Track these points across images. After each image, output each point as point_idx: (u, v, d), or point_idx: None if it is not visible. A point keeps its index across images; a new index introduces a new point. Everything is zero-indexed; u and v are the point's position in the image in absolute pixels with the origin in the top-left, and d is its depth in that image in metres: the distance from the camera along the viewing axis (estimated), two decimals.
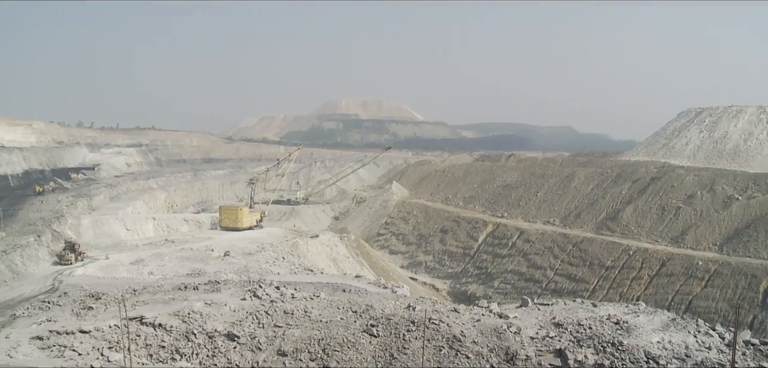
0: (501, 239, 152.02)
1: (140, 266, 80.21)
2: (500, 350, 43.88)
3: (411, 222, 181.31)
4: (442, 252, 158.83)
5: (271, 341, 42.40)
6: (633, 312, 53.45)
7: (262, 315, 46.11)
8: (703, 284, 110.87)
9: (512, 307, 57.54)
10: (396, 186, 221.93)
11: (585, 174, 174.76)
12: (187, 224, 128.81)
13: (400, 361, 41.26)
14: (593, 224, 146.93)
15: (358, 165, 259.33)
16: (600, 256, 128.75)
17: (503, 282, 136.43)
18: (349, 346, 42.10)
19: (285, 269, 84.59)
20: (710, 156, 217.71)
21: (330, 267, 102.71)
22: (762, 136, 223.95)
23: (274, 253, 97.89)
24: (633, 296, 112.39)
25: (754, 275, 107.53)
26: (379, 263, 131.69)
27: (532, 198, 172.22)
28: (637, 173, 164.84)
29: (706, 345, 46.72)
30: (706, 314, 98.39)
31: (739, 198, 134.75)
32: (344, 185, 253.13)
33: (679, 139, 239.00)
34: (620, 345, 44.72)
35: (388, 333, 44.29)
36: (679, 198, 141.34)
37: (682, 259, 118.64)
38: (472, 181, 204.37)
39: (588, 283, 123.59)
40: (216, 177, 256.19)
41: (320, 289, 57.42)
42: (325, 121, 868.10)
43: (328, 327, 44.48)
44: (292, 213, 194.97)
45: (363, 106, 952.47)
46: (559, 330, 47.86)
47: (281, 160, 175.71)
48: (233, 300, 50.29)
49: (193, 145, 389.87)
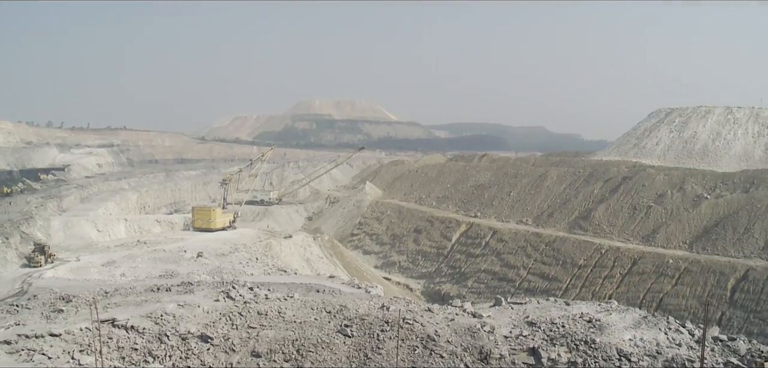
0: (474, 239, 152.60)
1: (112, 268, 79.26)
2: (474, 349, 44.04)
3: (384, 223, 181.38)
4: (415, 252, 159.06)
5: (244, 342, 42.15)
6: (605, 310, 53.96)
7: (235, 317, 45.81)
8: (674, 282, 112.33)
9: (486, 306, 57.80)
10: (369, 186, 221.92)
11: (557, 174, 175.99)
12: (159, 225, 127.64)
13: (375, 361, 41.22)
14: (566, 223, 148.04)
15: (331, 165, 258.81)
16: (572, 255, 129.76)
17: (477, 281, 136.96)
18: (323, 347, 41.98)
19: (258, 270, 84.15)
20: (680, 155, 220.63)
21: (303, 268, 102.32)
22: (730, 136, 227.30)
23: (248, 254, 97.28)
24: (605, 294, 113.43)
25: (722, 273, 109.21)
26: (353, 263, 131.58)
27: (505, 198, 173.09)
28: (609, 173, 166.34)
29: (677, 342, 47.39)
30: (677, 311, 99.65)
31: (708, 197, 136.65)
32: (318, 185, 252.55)
33: (649, 138, 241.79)
34: (593, 343, 45.14)
35: (362, 333, 44.23)
36: (649, 198, 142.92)
37: (653, 258, 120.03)
38: (445, 181, 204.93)
39: (561, 282, 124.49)
40: (189, 177, 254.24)
41: (294, 290, 57.22)
42: (298, 121, 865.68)
43: (302, 328, 44.33)
44: (266, 213, 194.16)
45: (336, 106, 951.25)
46: (532, 329, 48.18)
47: (254, 161, 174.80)
48: (206, 301, 49.92)
49: (166, 146, 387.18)
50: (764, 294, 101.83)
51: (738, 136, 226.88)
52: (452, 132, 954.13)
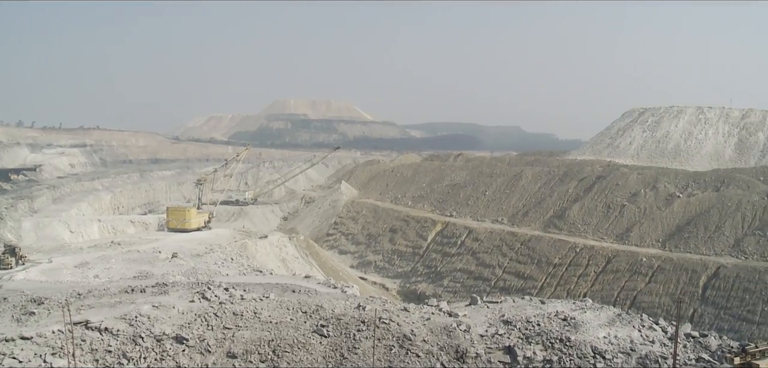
0: (450, 238, 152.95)
1: (85, 269, 78.35)
2: (450, 348, 44.14)
3: (360, 222, 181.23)
4: (391, 252, 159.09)
5: (220, 343, 41.90)
6: (580, 308, 54.32)
7: (211, 317, 45.49)
8: (647, 280, 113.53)
9: (462, 305, 57.92)
10: (345, 186, 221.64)
11: (532, 173, 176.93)
12: (133, 226, 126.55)
13: (351, 361, 41.18)
14: (541, 222, 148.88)
15: (306, 165, 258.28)
16: (548, 254, 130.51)
17: (452, 280, 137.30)
18: (299, 347, 41.86)
19: (234, 270, 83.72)
20: (653, 155, 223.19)
21: (279, 268, 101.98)
22: (701, 135, 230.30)
23: (223, 254, 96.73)
24: (580, 292, 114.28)
25: (694, 270, 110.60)
26: (329, 263, 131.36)
27: (481, 198, 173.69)
28: (583, 172, 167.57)
29: (650, 339, 47.89)
30: (650, 309, 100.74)
31: (680, 195, 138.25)
32: (293, 185, 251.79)
33: (623, 138, 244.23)
34: (568, 340, 45.43)
35: (339, 333, 44.16)
36: (623, 197, 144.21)
37: (626, 256, 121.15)
38: (420, 181, 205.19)
39: (536, 281, 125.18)
40: (163, 178, 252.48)
41: (270, 290, 56.96)
42: (273, 121, 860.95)
43: (278, 328, 44.15)
44: (241, 213, 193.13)
45: (312, 106, 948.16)
46: (508, 328, 48.33)
47: (229, 161, 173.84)
48: (181, 302, 49.51)
49: (140, 145, 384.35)
50: (734, 291, 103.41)
51: (709, 135, 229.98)
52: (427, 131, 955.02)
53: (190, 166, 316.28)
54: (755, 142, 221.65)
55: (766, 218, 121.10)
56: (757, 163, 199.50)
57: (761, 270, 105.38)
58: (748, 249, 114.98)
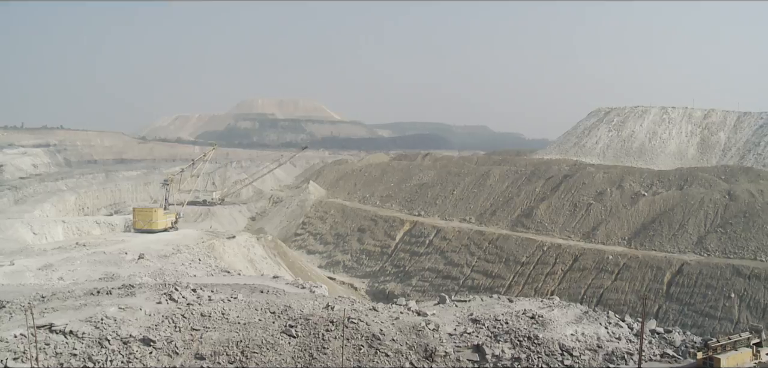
0: (418, 237, 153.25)
1: (49, 271, 77.14)
2: (419, 347, 44.24)
3: (328, 222, 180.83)
4: (359, 251, 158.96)
5: (188, 345, 41.54)
6: (548, 306, 54.80)
7: (178, 319, 45.06)
8: (613, 277, 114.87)
9: (430, 304, 58.03)
10: (313, 185, 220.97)
11: (500, 172, 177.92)
12: (99, 227, 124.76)
13: (320, 361, 41.09)
14: (508, 221, 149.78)
15: (274, 165, 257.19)
16: (515, 253, 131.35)
17: (421, 279, 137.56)
18: (268, 348, 41.67)
19: (201, 271, 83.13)
20: (618, 154, 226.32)
21: (247, 269, 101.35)
22: (665, 135, 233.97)
23: (190, 255, 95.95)
24: (547, 290, 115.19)
25: (659, 267, 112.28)
26: (297, 263, 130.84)
27: (449, 197, 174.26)
28: (550, 171, 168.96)
29: (616, 335, 48.55)
30: (616, 306, 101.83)
31: (645, 194, 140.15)
32: (261, 185, 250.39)
33: (589, 137, 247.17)
34: (536, 338, 45.79)
35: (307, 333, 44.03)
36: (590, 195, 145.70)
37: (593, 254, 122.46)
38: (389, 180, 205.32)
39: (504, 279, 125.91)
40: (129, 178, 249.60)
41: (238, 291, 56.64)
42: (240, 121, 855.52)
43: (246, 329, 43.89)
44: (208, 214, 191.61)
45: (279, 105, 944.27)
46: (476, 326, 48.57)
47: (196, 161, 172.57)
48: (148, 304, 48.97)
49: (105, 145, 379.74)
50: (697, 288, 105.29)
51: (672, 135, 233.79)
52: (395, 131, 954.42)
53: (157, 166, 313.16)
54: (717, 142, 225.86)
55: (728, 216, 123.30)
56: (718, 161, 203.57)
57: (723, 267, 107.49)
58: (711, 247, 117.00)
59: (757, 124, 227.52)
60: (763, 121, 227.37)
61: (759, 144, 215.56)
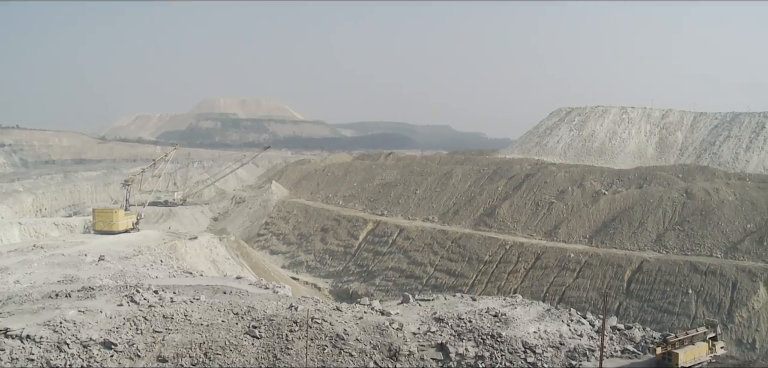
0: (381, 237, 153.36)
1: (5, 274, 75.41)
2: (383, 346, 44.35)
3: (291, 222, 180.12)
4: (323, 251, 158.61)
5: (150, 347, 41.11)
6: (510, 304, 55.29)
7: (140, 321, 44.55)
8: (575, 275, 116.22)
9: (394, 304, 58.18)
10: (276, 185, 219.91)
11: (462, 171, 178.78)
12: (57, 228, 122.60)
13: (284, 362, 40.99)
14: (471, 220, 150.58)
15: (236, 165, 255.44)
16: (478, 251, 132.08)
17: (384, 279, 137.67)
18: (231, 349, 41.43)
19: (163, 272, 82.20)
20: (579, 153, 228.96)
21: (210, 269, 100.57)
22: (625, 134, 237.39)
23: (152, 256, 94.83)
24: (510, 289, 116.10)
25: (620, 265, 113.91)
26: (260, 264, 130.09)
27: (412, 196, 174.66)
28: (513, 170, 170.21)
29: (578, 332, 49.22)
30: (578, 303, 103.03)
31: (606, 193, 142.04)
32: (223, 185, 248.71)
33: (551, 137, 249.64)
34: (499, 336, 46.18)
35: (271, 334, 43.89)
36: (551, 194, 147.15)
37: (555, 252, 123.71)
38: (351, 180, 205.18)
39: (467, 278, 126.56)
40: (88, 178, 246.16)
41: (200, 292, 56.16)
42: (202, 121, 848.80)
43: (209, 331, 43.59)
44: (170, 214, 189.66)
45: (241, 105, 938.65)
46: (440, 325, 48.82)
47: (157, 161, 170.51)
48: (109, 306, 48.34)
49: (63, 145, 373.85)
50: (657, 285, 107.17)
51: (632, 134, 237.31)
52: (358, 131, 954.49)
53: (117, 166, 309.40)
54: (674, 141, 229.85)
55: (685, 214, 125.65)
56: (676, 160, 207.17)
57: (680, 264, 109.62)
58: (669, 244, 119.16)
59: (712, 124, 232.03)
60: (718, 121, 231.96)
61: (714, 143, 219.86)
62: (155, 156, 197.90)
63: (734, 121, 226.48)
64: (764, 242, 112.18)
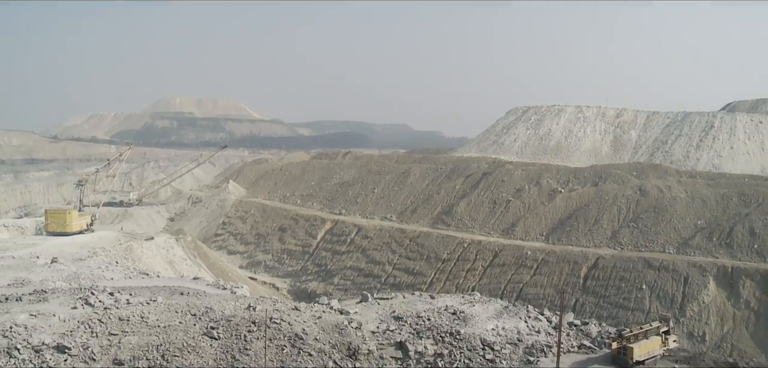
0: (339, 236, 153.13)
1: None
2: (342, 346, 44.29)
3: (249, 222, 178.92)
4: (281, 251, 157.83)
5: (105, 350, 40.42)
6: (469, 302, 55.64)
7: (95, 324, 43.74)
8: (532, 272, 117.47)
9: (352, 303, 58.14)
10: (233, 185, 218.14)
11: (420, 170, 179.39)
12: (7, 230, 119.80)
13: (242, 362, 40.68)
14: (429, 219, 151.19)
15: (193, 164, 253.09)
16: (436, 250, 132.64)
17: (343, 278, 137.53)
18: (189, 350, 40.97)
19: (119, 274, 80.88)
20: (536, 152, 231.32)
21: (166, 270, 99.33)
22: (580, 133, 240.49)
23: (107, 258, 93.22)
24: (468, 286, 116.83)
25: (576, 262, 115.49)
26: (218, 264, 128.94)
27: (370, 195, 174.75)
28: (470, 169, 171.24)
29: (536, 329, 49.77)
30: (535, 300, 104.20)
31: (562, 191, 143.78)
32: (179, 185, 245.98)
33: (507, 135, 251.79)
34: (458, 334, 46.43)
35: (229, 334, 43.52)
36: (508, 192, 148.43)
37: (512, 250, 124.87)
38: (309, 179, 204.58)
39: (425, 276, 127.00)
40: (40, 179, 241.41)
41: (157, 293, 55.40)
42: (158, 120, 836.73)
43: (166, 332, 43.02)
44: (125, 215, 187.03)
45: (198, 103, 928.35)
46: (399, 324, 48.94)
47: (112, 161, 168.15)
48: (62, 309, 47.36)
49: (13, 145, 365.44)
50: (612, 280, 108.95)
51: (587, 133, 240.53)
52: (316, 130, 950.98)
53: (70, 166, 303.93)
54: (628, 140, 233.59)
55: (639, 211, 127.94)
56: (630, 159, 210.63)
57: (635, 260, 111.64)
58: (624, 240, 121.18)
59: (664, 123, 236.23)
60: (670, 121, 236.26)
61: (666, 142, 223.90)
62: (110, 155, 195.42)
63: (685, 120, 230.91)
64: (714, 238, 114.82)
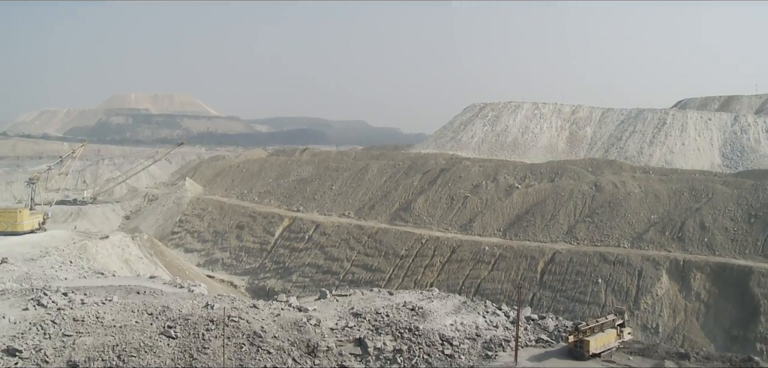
0: (297, 233, 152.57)
1: None
2: (301, 343, 44.18)
3: (206, 219, 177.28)
4: (238, 249, 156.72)
5: (59, 352, 39.65)
6: (427, 297, 55.91)
7: (48, 325, 42.87)
8: (490, 268, 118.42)
9: (311, 300, 58.06)
10: (189, 182, 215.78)
11: (378, 167, 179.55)
12: None
13: (201, 361, 40.32)
14: (387, 215, 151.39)
15: (149, 162, 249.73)
16: (394, 246, 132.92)
17: (301, 275, 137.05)
18: (146, 350, 40.44)
19: (73, 274, 79.46)
20: (493, 148, 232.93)
21: (122, 269, 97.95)
22: (536, 129, 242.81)
23: (60, 257, 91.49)
24: (427, 282, 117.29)
25: (533, 257, 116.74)
26: (175, 262, 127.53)
27: (328, 192, 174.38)
28: (428, 165, 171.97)
29: (494, 324, 50.25)
30: (493, 295, 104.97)
31: (519, 187, 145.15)
32: (135, 183, 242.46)
33: (465, 132, 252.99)
34: (417, 329, 46.66)
35: (187, 333, 43.09)
36: (466, 188, 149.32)
37: (470, 245, 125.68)
38: (267, 176, 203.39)
39: (384, 272, 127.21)
40: None
41: (113, 293, 54.54)
42: (112, 116, 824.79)
43: (122, 332, 42.39)
44: (79, 213, 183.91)
45: (153, 100, 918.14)
46: (357, 320, 48.99)
47: (65, 158, 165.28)
48: (13, 311, 46.35)
49: None
50: (568, 275, 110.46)
51: (544, 129, 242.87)
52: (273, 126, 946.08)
53: (21, 163, 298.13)
54: (584, 136, 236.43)
55: (595, 206, 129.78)
56: (586, 155, 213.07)
57: (591, 254, 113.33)
58: (580, 235, 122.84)
59: (619, 120, 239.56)
60: (624, 117, 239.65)
61: (621, 138, 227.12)
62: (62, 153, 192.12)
63: (639, 117, 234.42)
64: (666, 232, 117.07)
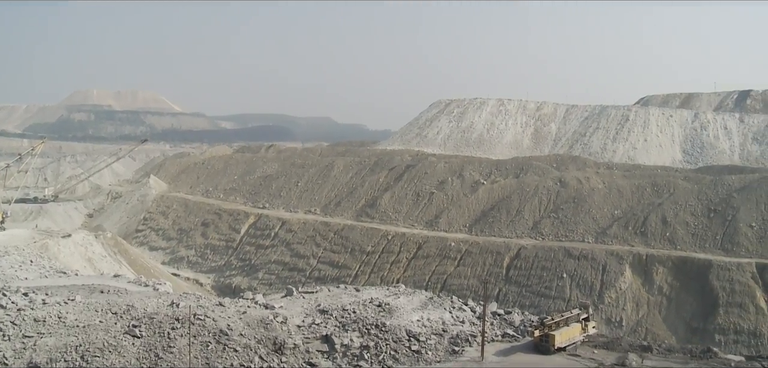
0: (263, 230, 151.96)
1: None
2: (268, 340, 43.99)
3: (171, 217, 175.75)
4: (204, 246, 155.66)
5: (19, 354, 38.93)
6: (394, 294, 56.05)
7: (7, 326, 42.04)
8: (456, 263, 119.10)
9: (278, 297, 57.88)
10: (154, 179, 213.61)
11: (344, 163, 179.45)
12: None
13: (166, 361, 39.92)
14: (353, 212, 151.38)
15: (112, 159, 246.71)
16: (361, 242, 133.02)
17: (267, 272, 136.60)
18: (110, 350, 39.89)
19: (34, 273, 78.11)
20: (459, 144, 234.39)
21: (85, 268, 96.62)
22: (502, 126, 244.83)
23: (21, 257, 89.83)
24: (393, 278, 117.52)
25: (499, 252, 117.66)
26: (139, 260, 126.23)
27: (293, 189, 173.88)
28: (394, 161, 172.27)
29: (460, 319, 50.57)
30: (459, 291, 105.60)
31: (485, 183, 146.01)
32: (98, 180, 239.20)
33: (430, 128, 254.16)
34: (383, 326, 46.74)
35: (152, 332, 42.61)
36: (432, 184, 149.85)
37: (436, 241, 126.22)
38: (232, 173, 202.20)
39: (350, 269, 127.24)
40: None
41: (75, 292, 53.79)
42: (74, 113, 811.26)
43: (86, 332, 41.76)
44: (40, 212, 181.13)
45: (116, 96, 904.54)
46: (324, 317, 48.95)
47: (24, 155, 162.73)
48: None
49: None
50: (534, 270, 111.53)
51: (509, 126, 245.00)
52: (238, 123, 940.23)
53: None
54: (548, 132, 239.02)
55: (559, 202, 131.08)
56: (550, 151, 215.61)
57: (555, 249, 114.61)
58: (545, 231, 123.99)
59: (583, 116, 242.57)
60: (588, 114, 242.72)
61: (585, 134, 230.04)
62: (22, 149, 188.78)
63: (602, 114, 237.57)
64: (629, 227, 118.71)
